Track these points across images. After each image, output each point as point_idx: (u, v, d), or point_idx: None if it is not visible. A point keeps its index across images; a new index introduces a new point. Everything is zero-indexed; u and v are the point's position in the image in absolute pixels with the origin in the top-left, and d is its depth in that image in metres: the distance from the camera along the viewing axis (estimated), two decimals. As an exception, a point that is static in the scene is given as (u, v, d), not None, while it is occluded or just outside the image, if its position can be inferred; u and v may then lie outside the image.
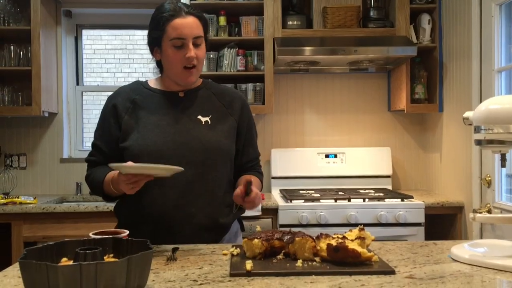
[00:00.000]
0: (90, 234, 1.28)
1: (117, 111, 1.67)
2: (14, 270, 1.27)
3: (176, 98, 1.70)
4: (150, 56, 1.73)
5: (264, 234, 1.36)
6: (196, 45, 1.62)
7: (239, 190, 1.55)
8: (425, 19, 3.25)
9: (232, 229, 1.74)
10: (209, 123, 1.67)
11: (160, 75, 1.75)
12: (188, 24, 1.59)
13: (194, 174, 1.60)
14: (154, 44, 1.65)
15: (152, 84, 1.74)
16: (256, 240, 1.32)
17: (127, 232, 1.34)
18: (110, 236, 1.22)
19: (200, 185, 1.62)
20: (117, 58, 4.02)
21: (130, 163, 1.44)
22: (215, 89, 1.77)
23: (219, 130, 1.67)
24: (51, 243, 1.13)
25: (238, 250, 1.38)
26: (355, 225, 2.66)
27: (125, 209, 1.68)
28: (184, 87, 1.70)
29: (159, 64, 1.71)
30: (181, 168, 1.43)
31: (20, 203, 2.98)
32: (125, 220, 1.68)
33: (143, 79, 1.82)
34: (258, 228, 1.47)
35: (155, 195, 1.60)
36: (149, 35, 1.67)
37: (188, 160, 1.60)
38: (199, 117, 1.67)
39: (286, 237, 1.34)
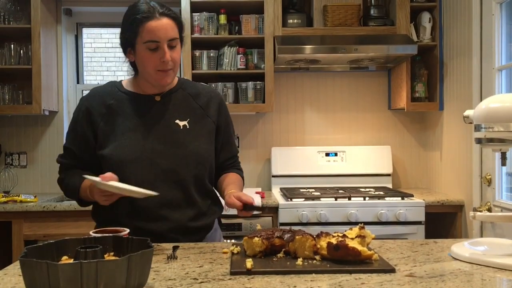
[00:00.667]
0: (91, 233, 1.28)
1: (91, 117, 1.63)
2: (14, 269, 1.27)
3: (152, 102, 1.66)
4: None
5: (264, 232, 1.36)
6: (171, 47, 1.57)
7: (237, 205, 1.53)
8: (425, 17, 3.25)
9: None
10: (187, 127, 1.65)
11: (133, 75, 1.71)
12: (163, 26, 1.54)
13: (174, 182, 1.59)
14: (128, 45, 1.60)
15: (127, 86, 1.69)
16: (256, 239, 1.32)
17: (128, 230, 1.34)
18: (111, 235, 1.22)
19: (181, 191, 1.60)
20: (117, 56, 4.01)
21: (108, 174, 1.43)
22: (191, 90, 1.73)
23: (197, 135, 1.65)
24: (51, 241, 1.13)
25: (239, 248, 1.38)
26: (356, 223, 2.66)
27: (103, 216, 1.65)
28: (159, 89, 1.67)
29: (133, 64, 1.66)
30: (154, 193, 1.43)
31: (21, 201, 2.98)
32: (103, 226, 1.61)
33: (118, 79, 1.78)
34: (259, 227, 1.47)
35: (133, 204, 1.56)
36: (122, 36, 1.62)
37: (167, 168, 1.59)
38: (177, 121, 1.65)
39: (286, 236, 1.34)
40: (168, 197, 1.58)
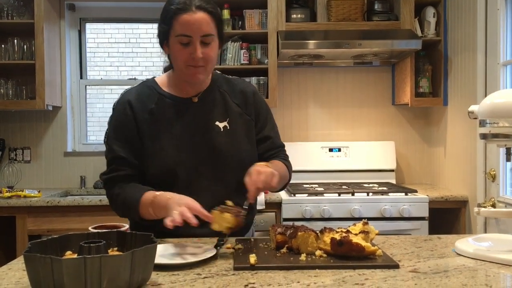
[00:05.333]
0: (90, 228, 1.28)
1: (136, 122, 1.55)
2: (18, 263, 1.27)
3: (190, 104, 1.59)
4: (153, 50, 1.66)
5: (236, 209, 1.35)
6: (204, 44, 1.48)
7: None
8: (430, 12, 3.23)
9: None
10: (228, 128, 1.59)
11: (164, 69, 1.68)
12: (197, 20, 1.45)
13: (219, 187, 1.56)
14: (163, 37, 1.53)
15: (164, 85, 1.62)
16: (227, 214, 1.31)
17: (127, 226, 1.34)
18: (115, 230, 1.23)
19: (224, 195, 1.53)
20: (120, 51, 4.00)
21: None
22: (226, 87, 1.65)
23: (239, 136, 1.60)
24: (55, 236, 1.13)
25: (241, 245, 1.38)
26: (359, 219, 2.64)
27: (142, 227, 1.50)
28: (194, 87, 1.59)
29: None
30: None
31: (25, 196, 2.99)
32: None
33: (150, 77, 1.69)
34: (230, 203, 1.41)
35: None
36: (158, 28, 1.55)
37: (212, 175, 1.56)
38: (217, 123, 1.59)
39: (289, 232, 1.34)
40: (211, 203, 1.49)
